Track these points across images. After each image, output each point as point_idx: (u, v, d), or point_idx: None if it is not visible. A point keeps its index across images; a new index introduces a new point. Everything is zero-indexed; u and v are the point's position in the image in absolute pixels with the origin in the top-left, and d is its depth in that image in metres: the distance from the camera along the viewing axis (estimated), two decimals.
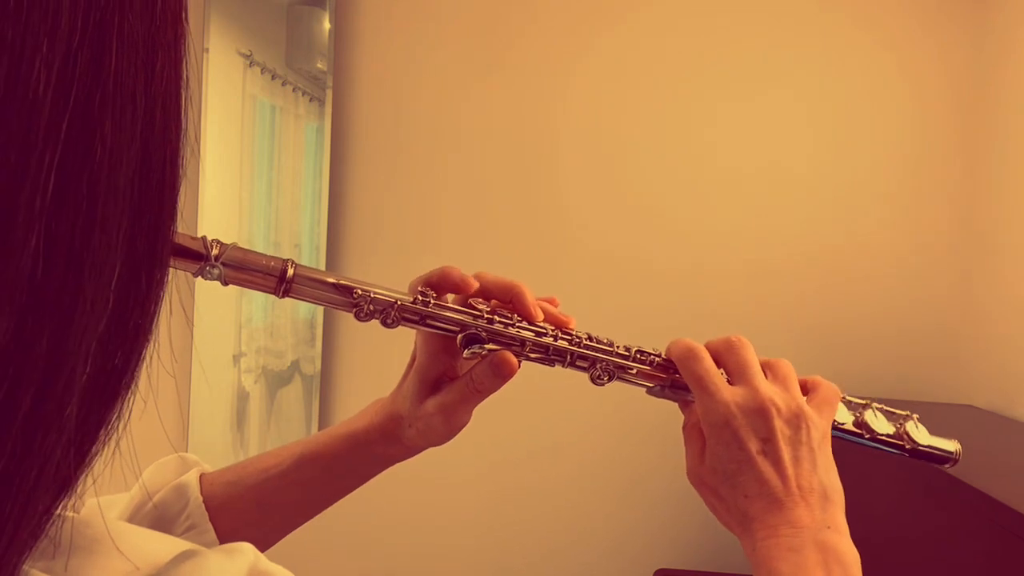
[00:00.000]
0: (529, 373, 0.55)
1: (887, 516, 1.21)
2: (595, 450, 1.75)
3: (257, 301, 1.78)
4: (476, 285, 0.53)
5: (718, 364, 0.54)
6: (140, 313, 0.28)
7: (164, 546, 0.30)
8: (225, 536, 0.55)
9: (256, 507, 0.57)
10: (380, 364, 1.73)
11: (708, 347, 0.55)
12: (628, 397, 1.76)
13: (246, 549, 0.31)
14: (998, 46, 1.65)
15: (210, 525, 0.55)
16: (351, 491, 0.59)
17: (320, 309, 1.74)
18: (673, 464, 1.71)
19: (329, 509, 0.60)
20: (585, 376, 0.55)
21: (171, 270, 0.44)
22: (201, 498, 0.56)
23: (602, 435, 1.75)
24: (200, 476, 0.58)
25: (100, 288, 0.25)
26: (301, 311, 1.79)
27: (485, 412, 0.55)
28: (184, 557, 0.29)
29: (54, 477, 0.25)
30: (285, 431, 1.77)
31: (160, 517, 0.56)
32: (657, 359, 0.56)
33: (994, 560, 0.93)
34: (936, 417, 0.95)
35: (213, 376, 1.74)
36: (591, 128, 1.75)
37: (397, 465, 0.59)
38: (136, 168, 0.26)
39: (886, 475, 1.22)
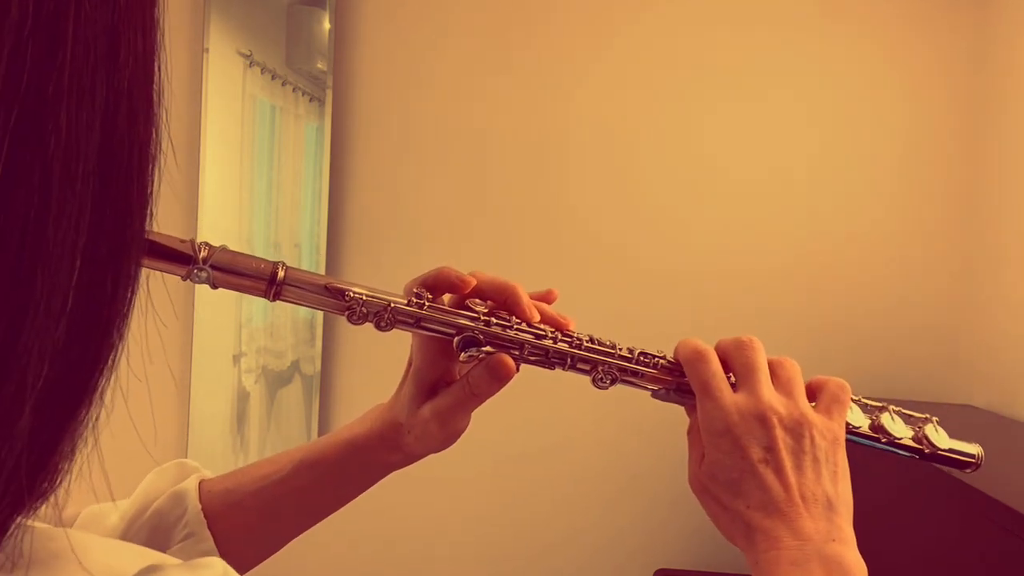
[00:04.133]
0: (528, 373, 0.54)
1: (887, 516, 1.21)
2: (595, 450, 1.75)
3: (257, 301, 1.78)
4: (473, 283, 0.51)
5: (725, 365, 0.52)
6: (107, 314, 0.26)
7: (129, 561, 0.29)
8: (224, 545, 0.54)
9: (255, 514, 0.56)
10: (380, 364, 1.73)
11: (718, 348, 0.53)
12: (628, 397, 1.76)
13: (214, 563, 0.30)
14: (997, 46, 1.65)
15: (208, 533, 0.54)
16: (351, 499, 0.58)
17: None
18: (673, 464, 1.71)
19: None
20: (585, 377, 0.54)
21: (161, 274, 0.42)
22: (199, 506, 0.55)
23: (602, 435, 1.75)
24: (199, 483, 0.56)
25: (57, 286, 0.24)
26: (301, 311, 1.79)
27: (484, 413, 0.55)
28: (146, 572, 0.28)
29: (5, 490, 0.24)
30: (285, 431, 1.77)
31: (157, 525, 0.54)
32: (662, 361, 0.54)
33: (995, 560, 0.93)
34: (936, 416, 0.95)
35: (213, 376, 1.74)
36: (590, 128, 1.75)
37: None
38: (97, 161, 0.25)
39: (886, 475, 1.22)
